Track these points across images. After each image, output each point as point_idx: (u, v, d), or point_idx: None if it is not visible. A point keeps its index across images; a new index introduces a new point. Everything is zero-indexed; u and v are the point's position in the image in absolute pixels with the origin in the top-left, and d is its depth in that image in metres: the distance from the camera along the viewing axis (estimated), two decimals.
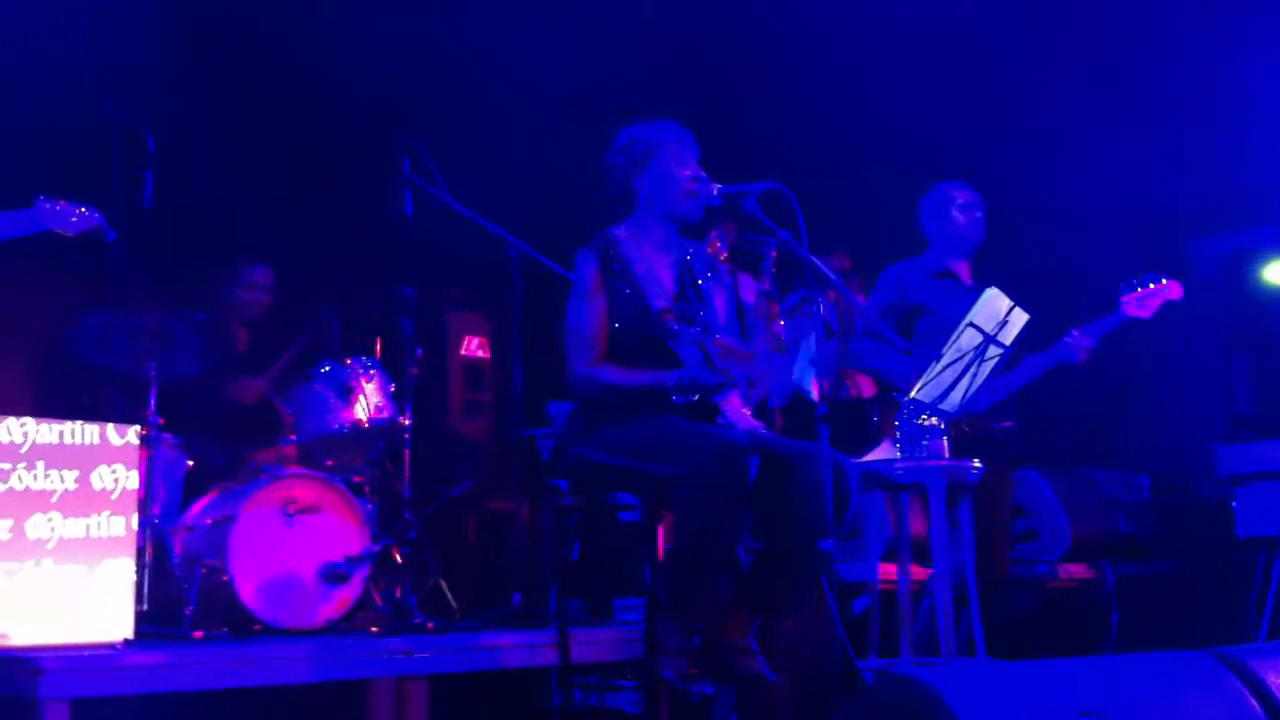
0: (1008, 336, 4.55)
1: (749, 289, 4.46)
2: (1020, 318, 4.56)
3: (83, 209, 4.92)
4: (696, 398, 4.11)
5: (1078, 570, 6.19)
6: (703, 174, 4.29)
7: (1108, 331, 5.30)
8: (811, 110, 7.35)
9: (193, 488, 5.58)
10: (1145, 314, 5.31)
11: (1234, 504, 5.94)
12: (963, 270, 5.50)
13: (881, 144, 7.21)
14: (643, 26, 7.10)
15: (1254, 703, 2.96)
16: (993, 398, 5.17)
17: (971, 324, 4.47)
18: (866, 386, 6.44)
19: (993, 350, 4.53)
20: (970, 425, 5.07)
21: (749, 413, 4.23)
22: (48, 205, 4.88)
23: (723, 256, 4.60)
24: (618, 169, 4.36)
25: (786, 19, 7.22)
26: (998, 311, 4.51)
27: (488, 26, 7.03)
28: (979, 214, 5.49)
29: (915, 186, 5.75)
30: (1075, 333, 5.25)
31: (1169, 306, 5.35)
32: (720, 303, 4.45)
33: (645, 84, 6.97)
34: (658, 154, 4.30)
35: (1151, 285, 5.30)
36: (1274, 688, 3.00)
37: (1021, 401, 5.39)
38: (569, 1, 7.01)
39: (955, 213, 5.47)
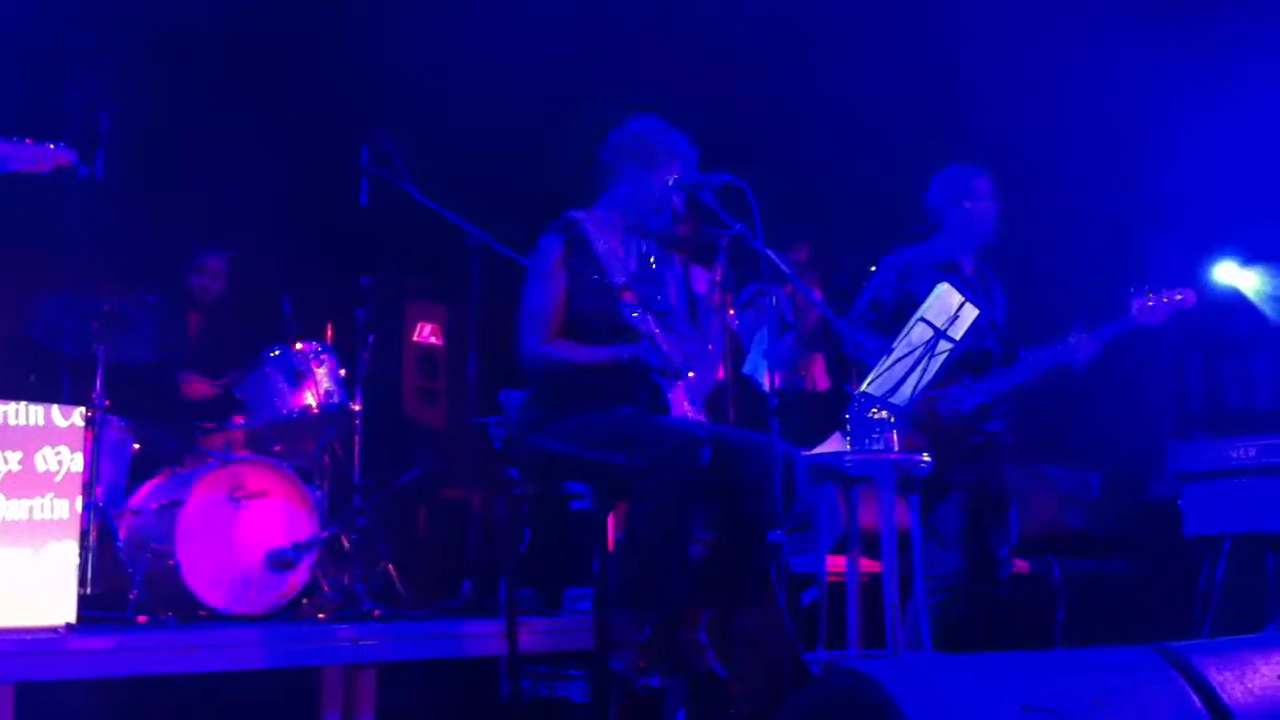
0: (958, 331, 4.55)
1: (700, 279, 4.45)
2: (970, 313, 4.56)
3: (52, 145, 4.78)
4: (653, 374, 4.11)
5: (1022, 565, 6.22)
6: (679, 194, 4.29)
7: (1116, 336, 5.20)
8: (775, 101, 7.35)
9: (139, 471, 5.54)
10: (1155, 321, 5.23)
11: (1181, 502, 5.97)
12: (967, 263, 5.38)
13: (843, 135, 7.21)
14: (604, 15, 7.08)
15: (1195, 699, 2.98)
16: (979, 399, 5.15)
17: (922, 319, 4.48)
18: (821, 379, 6.45)
19: (943, 345, 4.53)
20: (954, 426, 5.07)
21: (691, 409, 4.23)
22: (8, 145, 4.71)
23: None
24: (610, 150, 4.34)
25: (752, 7, 7.22)
26: (949, 306, 4.52)
27: (449, 15, 7.00)
28: (994, 208, 5.34)
29: (876, 177, 5.72)
30: (1080, 334, 5.16)
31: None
32: (672, 291, 4.45)
33: (606, 74, 6.96)
34: (646, 161, 4.28)
35: (1165, 296, 5.22)
36: (1216, 684, 3.01)
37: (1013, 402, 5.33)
38: None
39: (970, 205, 5.33)
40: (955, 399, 5.09)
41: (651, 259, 4.42)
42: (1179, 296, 5.25)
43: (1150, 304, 5.23)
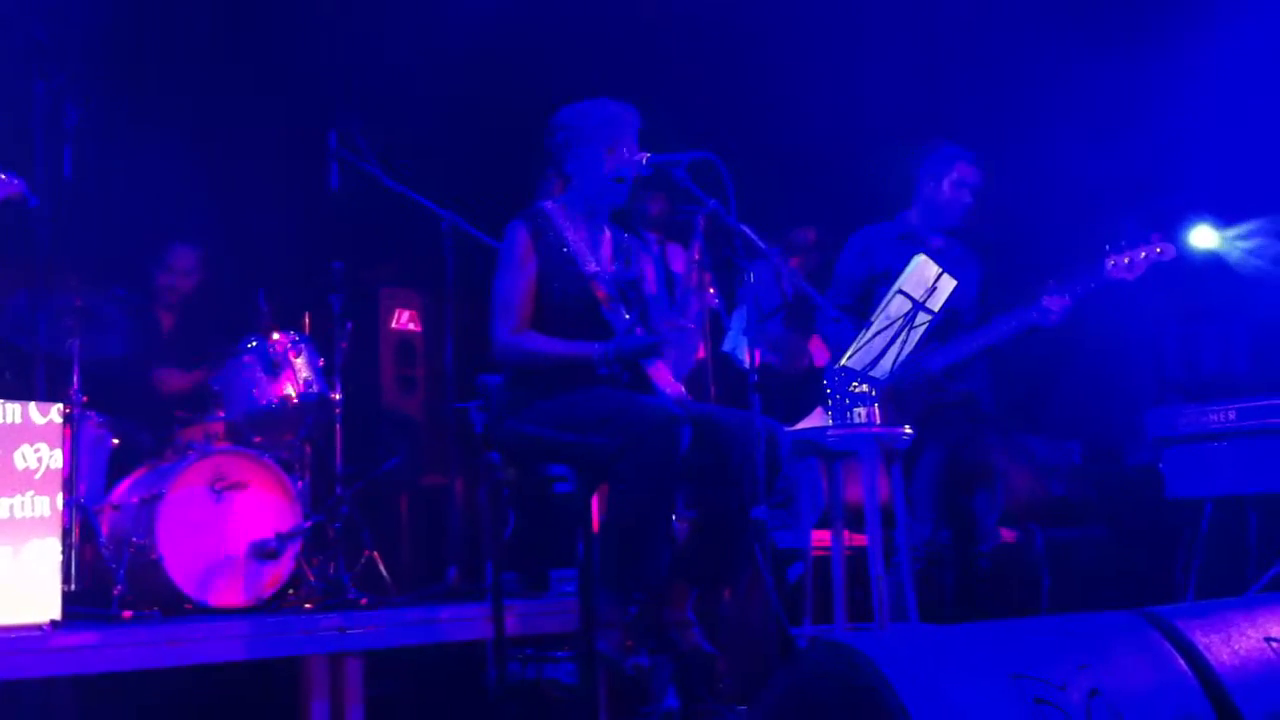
0: (936, 303, 4.55)
1: (678, 259, 4.45)
2: (948, 284, 4.55)
3: (2, 175, 4.79)
4: (620, 370, 4.11)
5: (1006, 534, 6.23)
6: (634, 151, 4.25)
7: (1087, 292, 5.12)
8: (786, 81, 7.32)
9: (119, 466, 5.52)
10: (1131, 276, 5.13)
11: (1162, 466, 6.00)
12: (936, 238, 5.37)
13: (846, 115, 7.20)
14: None
15: (1181, 661, 2.99)
16: (949, 359, 5.14)
17: (900, 291, 4.47)
18: (820, 356, 6.44)
19: (921, 317, 4.52)
20: (925, 389, 5.06)
21: (678, 384, 4.23)
22: None
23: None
24: (550, 152, 4.35)
25: None
26: (926, 278, 4.51)
27: None
28: (969, 197, 5.34)
29: (877, 157, 5.71)
30: (1051, 294, 5.09)
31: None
32: (650, 274, 4.45)
33: (585, 53, 6.94)
34: (578, 142, 4.28)
35: (1142, 251, 5.12)
36: (1201, 647, 3.03)
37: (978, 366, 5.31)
38: None
39: (946, 186, 5.33)
40: (923, 363, 5.07)
41: (626, 246, 4.42)
42: (1158, 250, 5.15)
43: (1126, 260, 5.13)
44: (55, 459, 4.37)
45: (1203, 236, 7.22)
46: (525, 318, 4.22)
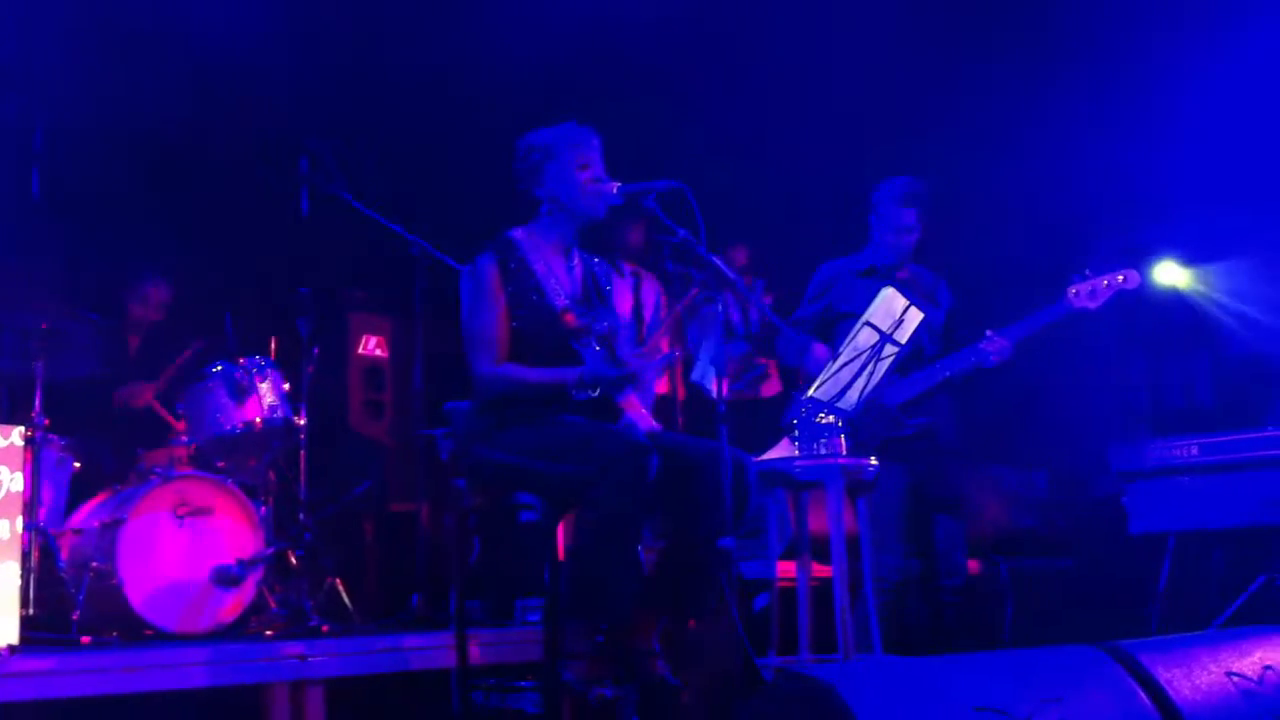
0: (903, 335, 4.56)
1: (651, 291, 4.46)
2: (915, 316, 4.57)
3: None
4: (598, 393, 4.11)
5: (971, 565, 6.24)
6: (602, 172, 4.28)
7: (1046, 324, 5.15)
8: (721, 103, 7.35)
9: (81, 490, 5.47)
10: (1094, 305, 5.13)
11: (1125, 500, 6.02)
12: (901, 270, 5.37)
13: (788, 140, 7.22)
14: (547, 23, 7.06)
15: (1143, 696, 3.00)
16: (904, 394, 5.15)
17: (868, 323, 4.48)
18: (766, 386, 6.45)
19: (889, 349, 4.54)
20: (880, 424, 5.07)
21: (645, 415, 4.23)
22: None
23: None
24: (520, 178, 4.36)
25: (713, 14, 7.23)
26: (894, 310, 4.53)
27: (385, 24, 6.97)
28: (912, 237, 5.33)
29: (822, 182, 5.70)
30: (991, 336, 5.13)
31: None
32: (621, 303, 4.45)
33: (549, 82, 6.95)
34: (553, 159, 4.30)
35: (1105, 280, 5.12)
36: (1163, 681, 3.04)
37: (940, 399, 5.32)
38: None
39: (890, 233, 5.32)
40: (880, 397, 5.08)
41: (596, 273, 4.42)
42: (1120, 278, 5.14)
43: (1089, 289, 5.14)
44: (15, 482, 4.34)
45: (1167, 272, 7.27)
46: (503, 349, 4.22)
